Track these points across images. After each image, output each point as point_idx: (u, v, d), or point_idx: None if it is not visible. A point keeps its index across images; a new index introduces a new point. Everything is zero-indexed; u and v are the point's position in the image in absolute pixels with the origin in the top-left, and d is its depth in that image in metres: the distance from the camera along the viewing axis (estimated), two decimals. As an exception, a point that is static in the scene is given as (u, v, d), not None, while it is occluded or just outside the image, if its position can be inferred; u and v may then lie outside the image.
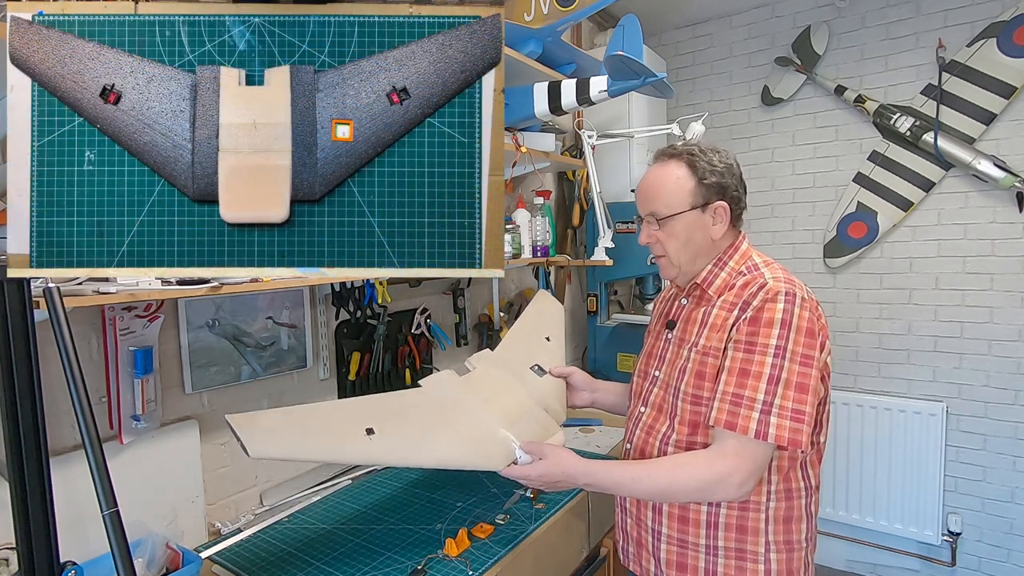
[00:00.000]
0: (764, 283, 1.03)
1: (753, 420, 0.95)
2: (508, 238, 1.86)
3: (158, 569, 1.10)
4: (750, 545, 1.04)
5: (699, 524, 1.07)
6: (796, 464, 1.06)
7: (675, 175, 1.10)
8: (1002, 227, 2.36)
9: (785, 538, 1.05)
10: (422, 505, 1.45)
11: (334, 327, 1.68)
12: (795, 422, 0.95)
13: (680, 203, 1.10)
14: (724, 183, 1.10)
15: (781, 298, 0.99)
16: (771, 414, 0.95)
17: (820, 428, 1.08)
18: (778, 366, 0.96)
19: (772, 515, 1.04)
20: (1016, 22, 2.24)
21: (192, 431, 1.33)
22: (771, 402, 0.95)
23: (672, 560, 1.11)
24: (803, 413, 0.95)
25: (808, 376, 0.97)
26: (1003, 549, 2.42)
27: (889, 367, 2.62)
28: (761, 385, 0.96)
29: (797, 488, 1.06)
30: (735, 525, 1.05)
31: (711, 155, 1.10)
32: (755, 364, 0.97)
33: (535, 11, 1.80)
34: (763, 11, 2.81)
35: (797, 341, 0.97)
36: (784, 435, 0.94)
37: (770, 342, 0.97)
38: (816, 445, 1.08)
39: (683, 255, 1.12)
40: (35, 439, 0.76)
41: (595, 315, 2.54)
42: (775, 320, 0.98)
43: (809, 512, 1.08)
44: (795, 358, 0.96)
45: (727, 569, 1.06)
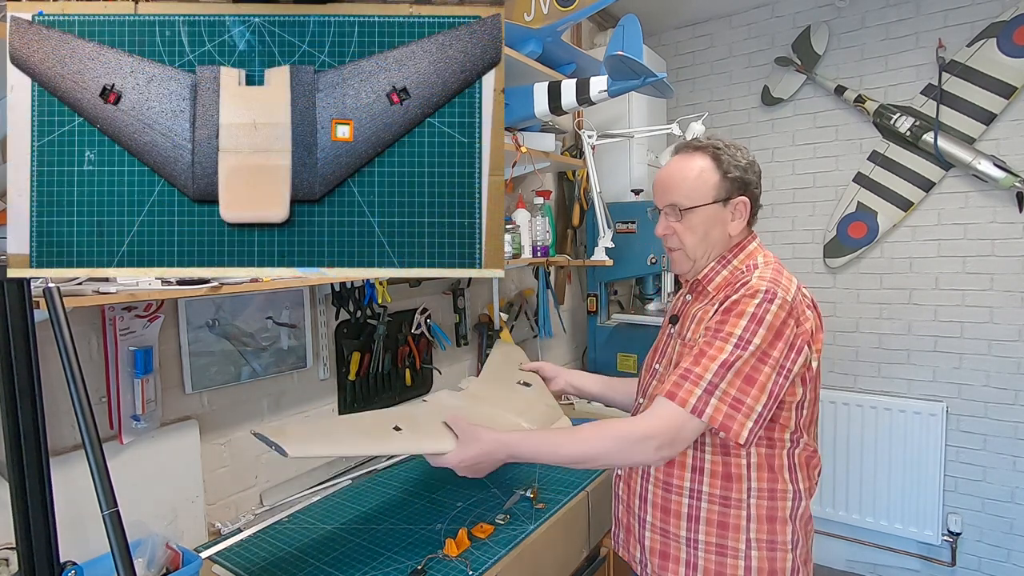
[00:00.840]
0: (747, 281, 1.03)
1: (694, 395, 0.96)
2: (508, 238, 1.85)
3: (158, 569, 1.10)
4: (731, 541, 1.05)
5: (680, 516, 1.08)
6: (783, 466, 1.05)
7: (699, 167, 1.10)
8: (1002, 227, 2.36)
9: (768, 537, 1.05)
10: (422, 505, 1.45)
11: (334, 327, 1.68)
12: (733, 409, 0.95)
13: (703, 196, 1.10)
14: (747, 179, 1.10)
15: (759, 295, 0.99)
16: (713, 395, 0.96)
17: (801, 432, 1.06)
18: (735, 355, 0.96)
19: (753, 513, 1.05)
20: (1016, 22, 2.24)
21: (192, 431, 1.33)
22: (717, 384, 0.96)
23: (656, 548, 1.12)
24: (743, 404, 0.95)
25: (761, 372, 0.96)
26: (1003, 549, 2.42)
27: (889, 367, 2.62)
28: (713, 367, 0.97)
29: (783, 490, 1.05)
30: (716, 520, 1.06)
31: (735, 150, 1.11)
32: (714, 348, 0.98)
33: (535, 11, 1.80)
34: (763, 11, 2.81)
35: (764, 337, 0.97)
36: (719, 418, 0.95)
37: (734, 331, 0.98)
38: (797, 446, 1.07)
39: (699, 249, 1.12)
40: (35, 439, 0.76)
41: (595, 315, 2.54)
42: (745, 312, 0.98)
43: (795, 516, 1.07)
44: (756, 352, 0.96)
45: (707, 563, 1.06)
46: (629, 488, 1.19)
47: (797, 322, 1.00)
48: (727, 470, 1.05)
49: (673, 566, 1.10)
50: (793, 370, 0.99)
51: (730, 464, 1.05)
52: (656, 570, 1.13)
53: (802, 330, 1.00)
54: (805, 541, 1.10)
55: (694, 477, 1.07)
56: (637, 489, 1.16)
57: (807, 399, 1.06)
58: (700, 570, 1.07)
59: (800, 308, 1.01)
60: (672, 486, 1.09)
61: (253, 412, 1.48)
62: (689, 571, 1.08)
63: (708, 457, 1.06)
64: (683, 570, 1.09)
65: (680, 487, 1.08)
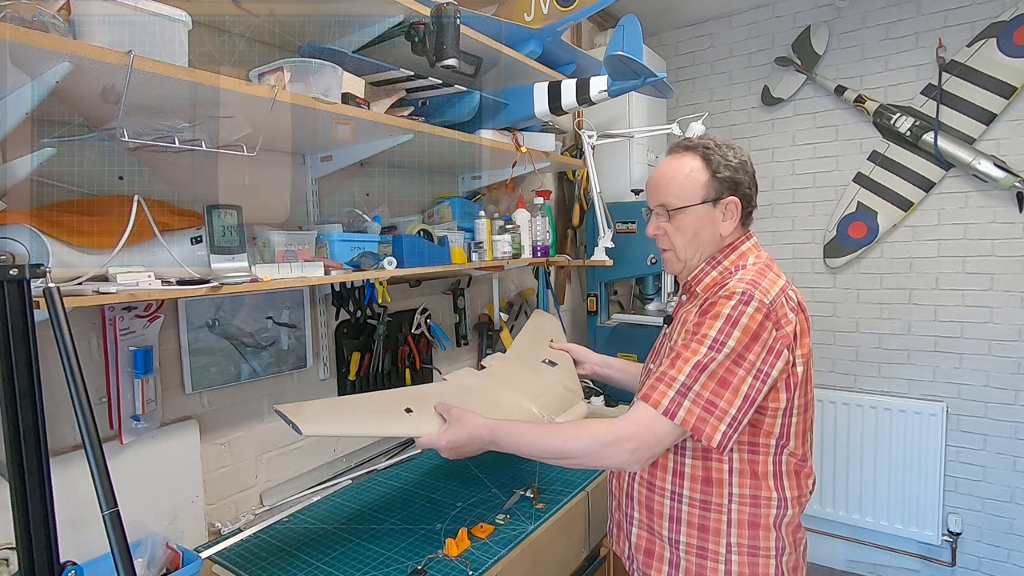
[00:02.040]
0: (727, 283, 1.02)
1: (667, 397, 0.96)
2: (508, 238, 1.85)
3: (158, 569, 1.10)
4: (711, 544, 1.05)
5: (663, 516, 1.09)
6: (768, 472, 1.04)
7: (688, 167, 1.10)
8: (1002, 227, 2.36)
9: (750, 543, 1.04)
10: (422, 505, 1.45)
11: (334, 327, 1.68)
12: (706, 412, 0.94)
13: (691, 196, 1.09)
14: (737, 179, 1.09)
15: (735, 297, 0.98)
16: (686, 397, 0.95)
17: (788, 439, 1.04)
18: (709, 357, 0.96)
19: (735, 518, 1.04)
20: (1016, 22, 2.24)
21: (192, 431, 1.33)
22: (690, 386, 0.95)
23: (642, 545, 1.13)
24: (716, 407, 0.95)
25: (735, 375, 0.95)
26: (1003, 549, 2.42)
27: (889, 367, 2.62)
28: (686, 368, 0.96)
29: (767, 497, 1.04)
30: (696, 523, 1.05)
31: (726, 150, 1.09)
32: (689, 350, 0.98)
33: (535, 11, 1.80)
34: (763, 11, 2.81)
35: (739, 340, 0.96)
36: (691, 420, 0.94)
37: (709, 333, 0.97)
38: (782, 453, 1.05)
39: (689, 249, 1.12)
40: (35, 439, 0.76)
41: (595, 315, 2.54)
42: (721, 315, 0.98)
43: (780, 524, 1.05)
44: (730, 355, 0.96)
45: (688, 564, 1.07)
46: (620, 485, 1.20)
47: (776, 325, 0.98)
48: (707, 474, 1.04)
49: (657, 564, 1.11)
50: (772, 374, 0.98)
51: (710, 469, 1.04)
52: (641, 567, 1.14)
53: (782, 333, 0.98)
54: (794, 549, 1.08)
55: (675, 480, 1.07)
56: (625, 486, 1.17)
57: (794, 406, 1.03)
58: (682, 570, 1.07)
59: (781, 311, 1.00)
60: (655, 487, 1.10)
61: (253, 412, 1.48)
62: (672, 570, 1.09)
63: (688, 461, 1.05)
64: (666, 568, 1.09)
65: (662, 489, 1.09)
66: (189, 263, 1.05)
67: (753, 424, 1.02)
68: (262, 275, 1.15)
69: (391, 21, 1.37)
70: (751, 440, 1.03)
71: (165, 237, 1.03)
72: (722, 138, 1.13)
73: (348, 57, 1.32)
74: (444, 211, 1.89)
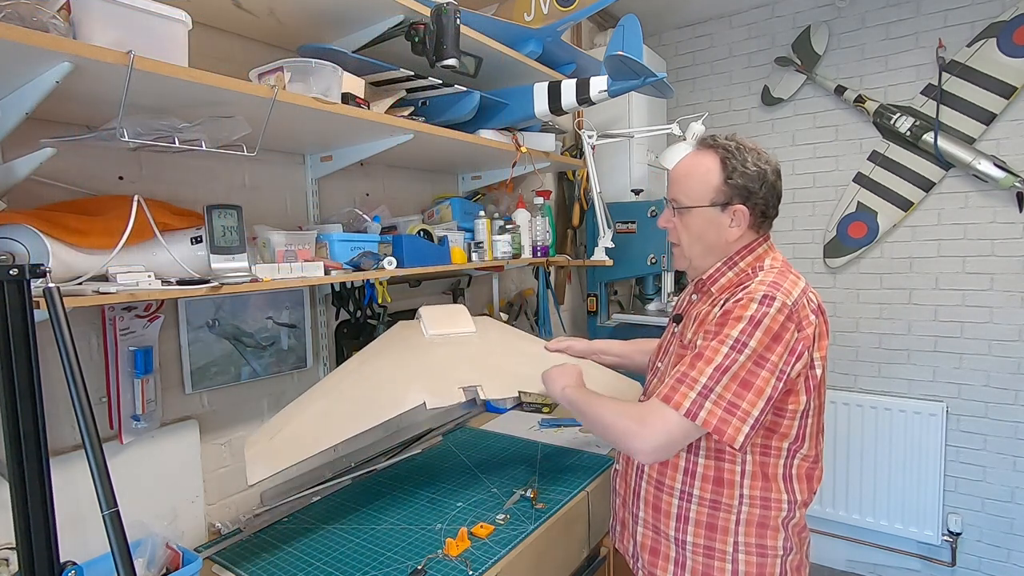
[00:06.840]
0: (749, 285, 1.02)
1: (688, 399, 0.96)
2: (508, 238, 1.85)
3: (158, 569, 1.10)
4: (719, 544, 1.05)
5: (670, 516, 1.08)
6: (779, 475, 1.04)
7: (704, 167, 1.08)
8: (1002, 227, 2.35)
9: (758, 542, 1.04)
10: (422, 505, 1.45)
11: (334, 327, 1.68)
12: (728, 413, 0.94)
13: (700, 197, 1.08)
14: (751, 187, 1.05)
15: (758, 298, 0.98)
16: (707, 399, 0.95)
17: (801, 442, 1.04)
18: (731, 358, 0.95)
19: (744, 518, 1.04)
20: (1016, 22, 2.24)
21: (192, 431, 1.33)
22: (712, 387, 0.95)
23: (647, 545, 1.13)
24: (738, 408, 0.94)
25: (757, 376, 0.95)
26: (1003, 549, 2.42)
27: (889, 367, 2.62)
28: (708, 370, 0.96)
29: (777, 499, 1.04)
30: (704, 522, 1.05)
31: (746, 155, 1.06)
32: (709, 351, 0.97)
33: (535, 11, 1.80)
34: (763, 11, 2.81)
35: (761, 341, 0.95)
36: (712, 421, 0.94)
37: (731, 333, 0.97)
38: (795, 456, 1.05)
39: (694, 248, 1.12)
40: (35, 439, 0.76)
41: (595, 315, 2.54)
42: (743, 316, 0.97)
43: (788, 525, 1.06)
44: (752, 356, 0.95)
45: (695, 564, 1.06)
46: (625, 483, 1.20)
47: (798, 327, 0.98)
48: (719, 475, 1.04)
49: (663, 563, 1.10)
50: (791, 375, 0.98)
51: (723, 470, 1.04)
52: (646, 566, 1.14)
53: (803, 335, 0.98)
54: (799, 549, 1.08)
55: (685, 479, 1.07)
56: (632, 485, 1.17)
57: (812, 408, 1.03)
58: (688, 569, 1.07)
59: (803, 312, 0.99)
60: (664, 486, 1.09)
61: (253, 412, 1.48)
62: (678, 569, 1.09)
63: (701, 461, 1.05)
64: (672, 568, 1.09)
65: (671, 488, 1.08)
66: (189, 263, 1.05)
67: (769, 427, 1.02)
68: (262, 275, 1.15)
69: (391, 21, 1.37)
70: (764, 443, 1.03)
71: (165, 237, 1.03)
72: (752, 142, 1.09)
73: (348, 57, 1.32)
74: (444, 211, 1.89)
